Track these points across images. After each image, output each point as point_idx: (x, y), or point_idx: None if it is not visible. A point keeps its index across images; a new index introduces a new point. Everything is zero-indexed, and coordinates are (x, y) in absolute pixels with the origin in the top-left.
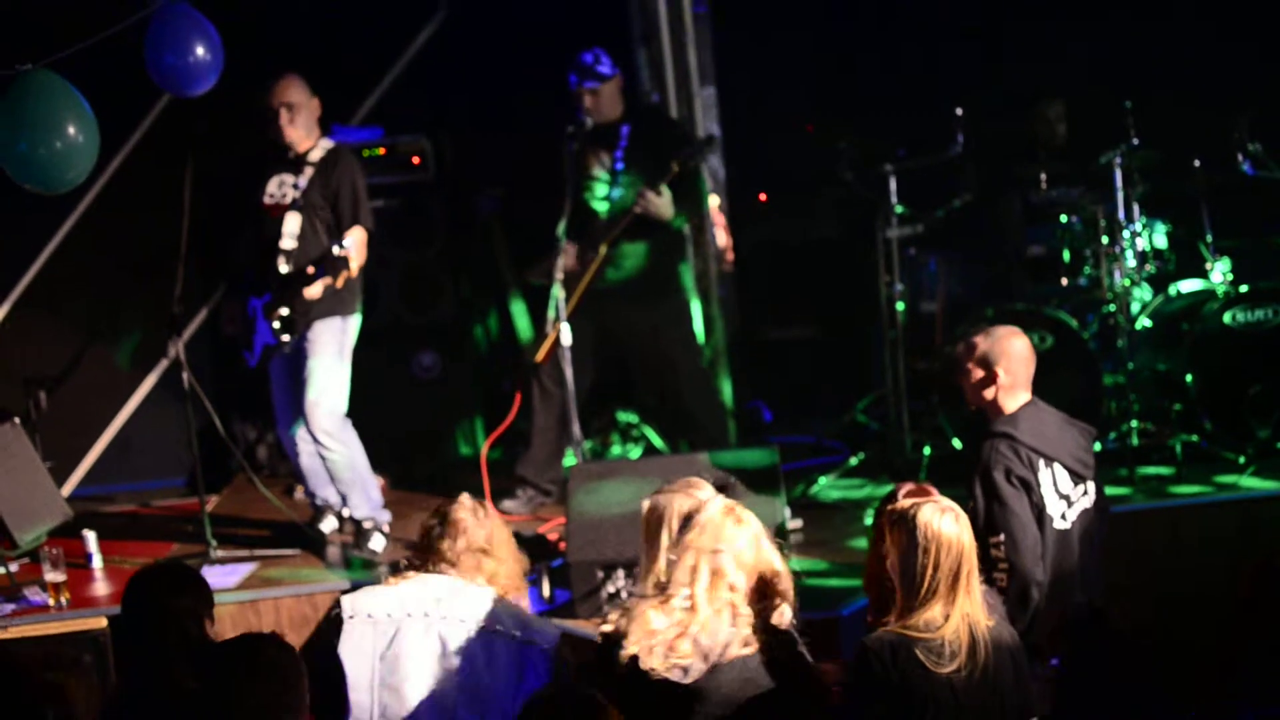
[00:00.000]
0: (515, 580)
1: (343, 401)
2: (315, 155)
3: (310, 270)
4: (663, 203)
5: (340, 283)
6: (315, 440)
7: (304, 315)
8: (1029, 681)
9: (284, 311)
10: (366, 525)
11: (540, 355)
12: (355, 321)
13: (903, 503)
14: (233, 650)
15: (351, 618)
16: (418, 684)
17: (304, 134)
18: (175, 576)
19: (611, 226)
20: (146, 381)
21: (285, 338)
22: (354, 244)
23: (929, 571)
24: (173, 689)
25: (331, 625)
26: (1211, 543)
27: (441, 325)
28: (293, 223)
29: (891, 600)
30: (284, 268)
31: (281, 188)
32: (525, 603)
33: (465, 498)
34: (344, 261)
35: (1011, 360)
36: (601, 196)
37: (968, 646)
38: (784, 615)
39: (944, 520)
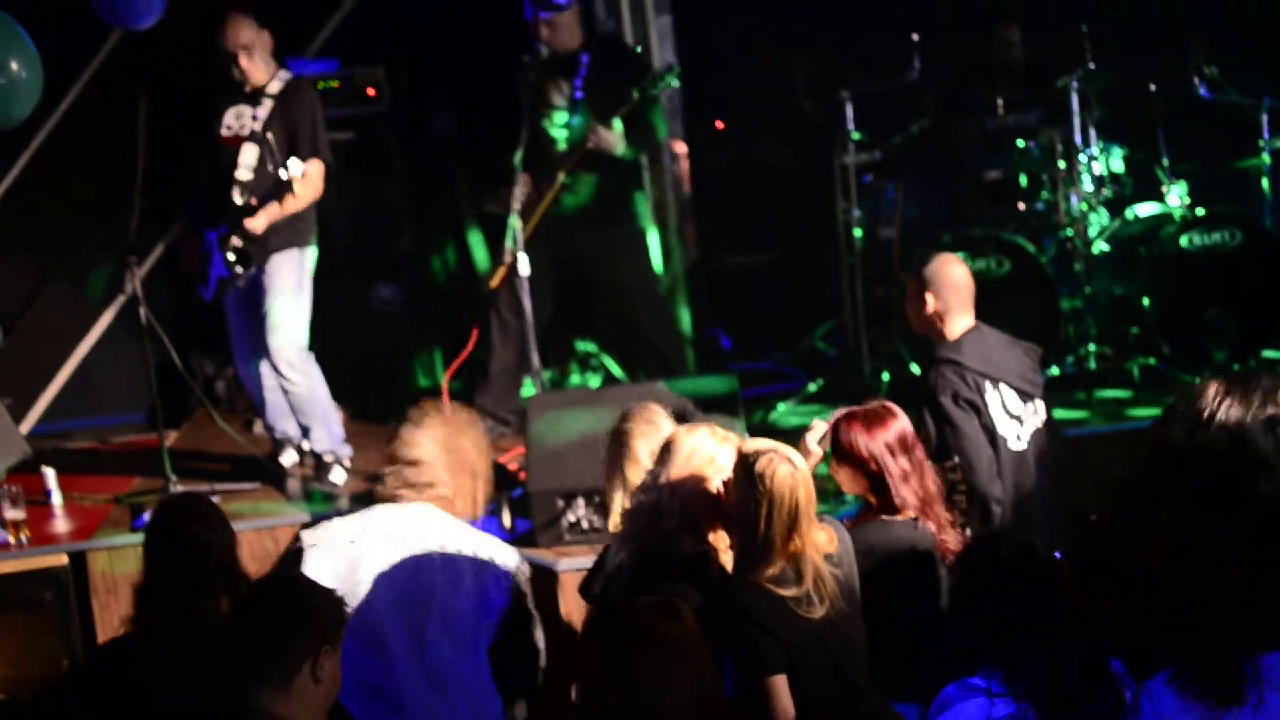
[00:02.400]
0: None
1: (304, 333)
2: (274, 87)
3: (254, 201)
4: (614, 137)
5: (287, 208)
6: (278, 373)
7: (259, 247)
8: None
9: (238, 243)
10: (327, 459)
11: (495, 281)
12: (312, 253)
13: (746, 445)
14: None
15: (313, 545)
16: (382, 608)
17: (263, 69)
18: (200, 509)
19: (569, 157)
20: (104, 318)
21: (239, 270)
22: (311, 175)
23: (763, 524)
24: (200, 618)
25: (291, 558)
26: None
27: (399, 257)
28: (249, 154)
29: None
30: (239, 199)
31: (239, 119)
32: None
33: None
34: (289, 185)
35: (946, 286)
36: (561, 125)
37: (830, 587)
38: None
39: (782, 470)
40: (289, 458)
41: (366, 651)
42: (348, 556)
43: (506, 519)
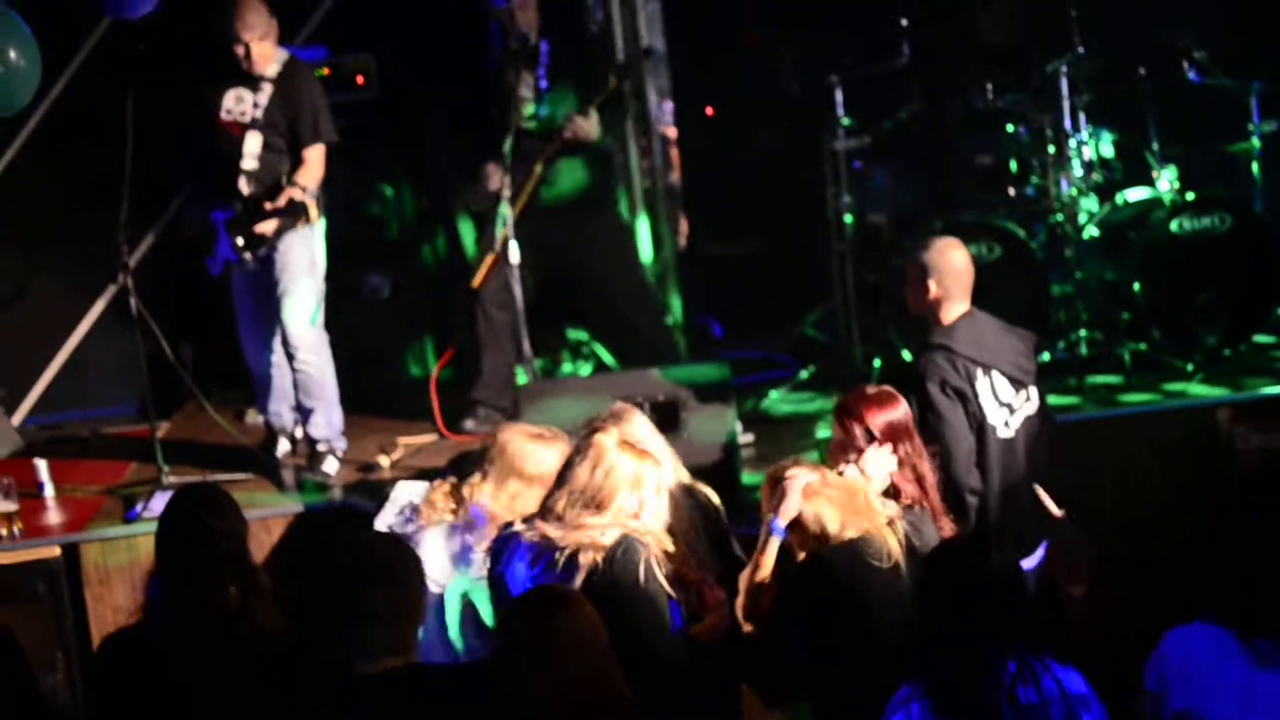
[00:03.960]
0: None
1: (319, 313)
2: (272, 70)
3: (269, 205)
4: (590, 125)
5: (300, 226)
6: (292, 355)
7: (266, 235)
8: None
9: (248, 230)
10: (321, 447)
11: (477, 281)
12: (321, 227)
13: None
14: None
15: (394, 501)
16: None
17: (270, 56)
18: (213, 498)
19: (545, 148)
20: (95, 308)
21: (248, 256)
22: (313, 160)
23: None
24: (214, 605)
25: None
26: (1160, 450)
27: (388, 245)
28: (253, 142)
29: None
30: (246, 188)
31: (240, 104)
32: None
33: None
34: (303, 207)
35: (948, 273)
36: (529, 116)
37: (895, 550)
38: None
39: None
40: (282, 447)
41: None
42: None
43: None
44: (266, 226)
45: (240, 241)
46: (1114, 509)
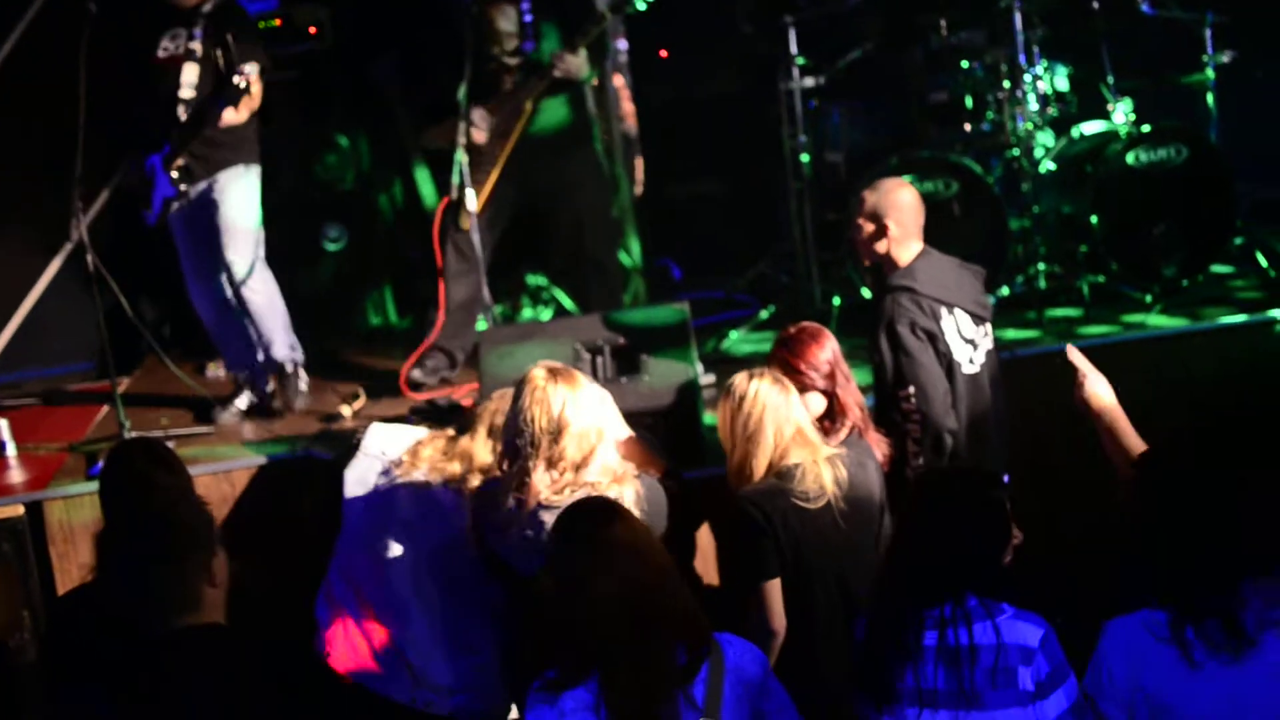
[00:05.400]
0: None
1: (260, 243)
2: (207, 7)
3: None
4: (580, 62)
5: (243, 113)
6: (237, 285)
7: (204, 162)
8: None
9: (182, 161)
10: (289, 368)
11: (466, 223)
12: (257, 170)
13: (735, 381)
14: None
15: (365, 450)
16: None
17: None
18: (154, 452)
19: (534, 84)
20: (52, 266)
21: (184, 187)
22: (252, 73)
23: (757, 433)
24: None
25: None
26: (1121, 381)
27: (345, 195)
28: (190, 73)
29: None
30: (184, 116)
31: (175, 40)
32: None
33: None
34: (242, 90)
35: (900, 211)
36: (511, 51)
37: (832, 486)
38: None
39: (762, 385)
40: (244, 400)
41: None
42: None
43: None
44: (226, 118)
45: (176, 174)
46: (1071, 443)
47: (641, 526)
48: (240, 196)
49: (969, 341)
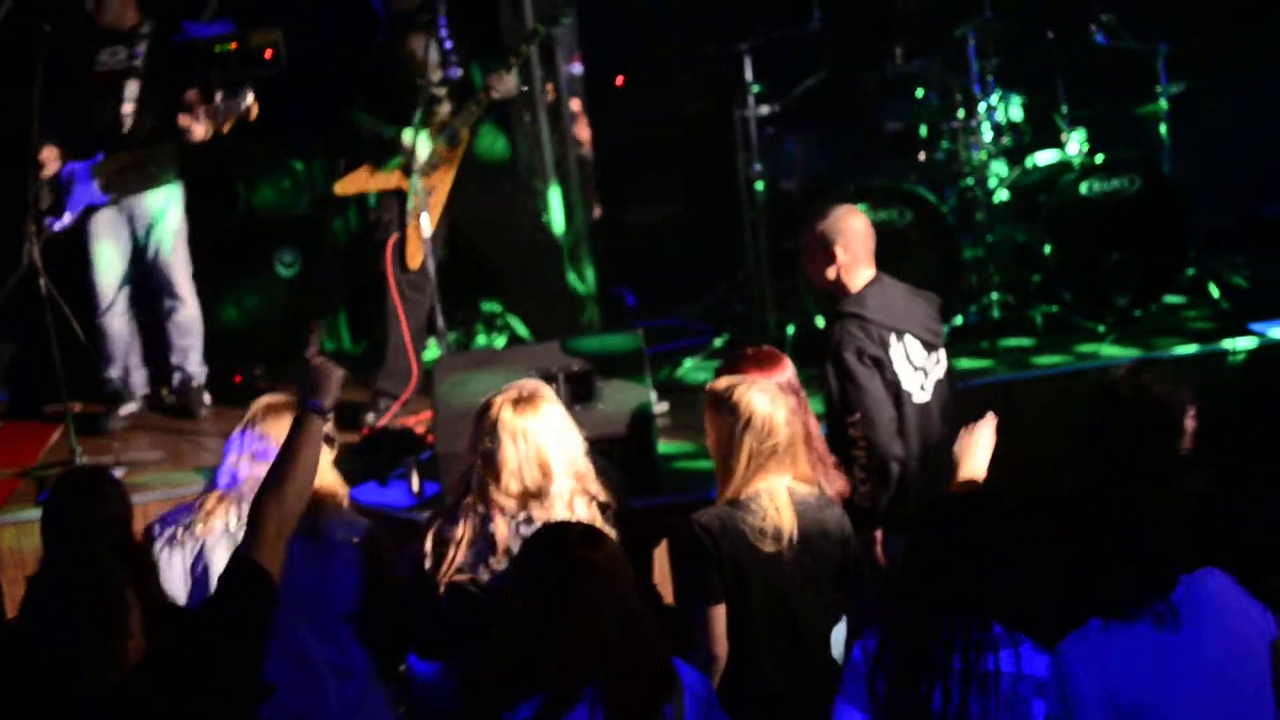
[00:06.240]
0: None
1: (189, 258)
2: (145, 28)
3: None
4: (513, 81)
5: (209, 132)
6: (171, 300)
7: (139, 174)
8: (857, 564)
9: (116, 168)
10: (196, 384)
11: (415, 262)
12: (180, 191)
13: (718, 382)
14: None
15: (155, 540)
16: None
17: (135, 10)
18: (98, 483)
19: (469, 111)
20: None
21: (115, 196)
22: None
23: (744, 449)
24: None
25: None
26: (1073, 410)
27: (299, 220)
28: (131, 88)
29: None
30: (126, 128)
31: (115, 56)
32: None
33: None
34: (247, 111)
35: (849, 238)
36: (438, 81)
37: (789, 528)
38: None
39: (758, 397)
40: (127, 408)
41: None
42: (193, 550)
43: (415, 483)
44: (198, 130)
45: (102, 181)
46: (1022, 469)
47: (619, 548)
48: (175, 211)
49: (919, 369)
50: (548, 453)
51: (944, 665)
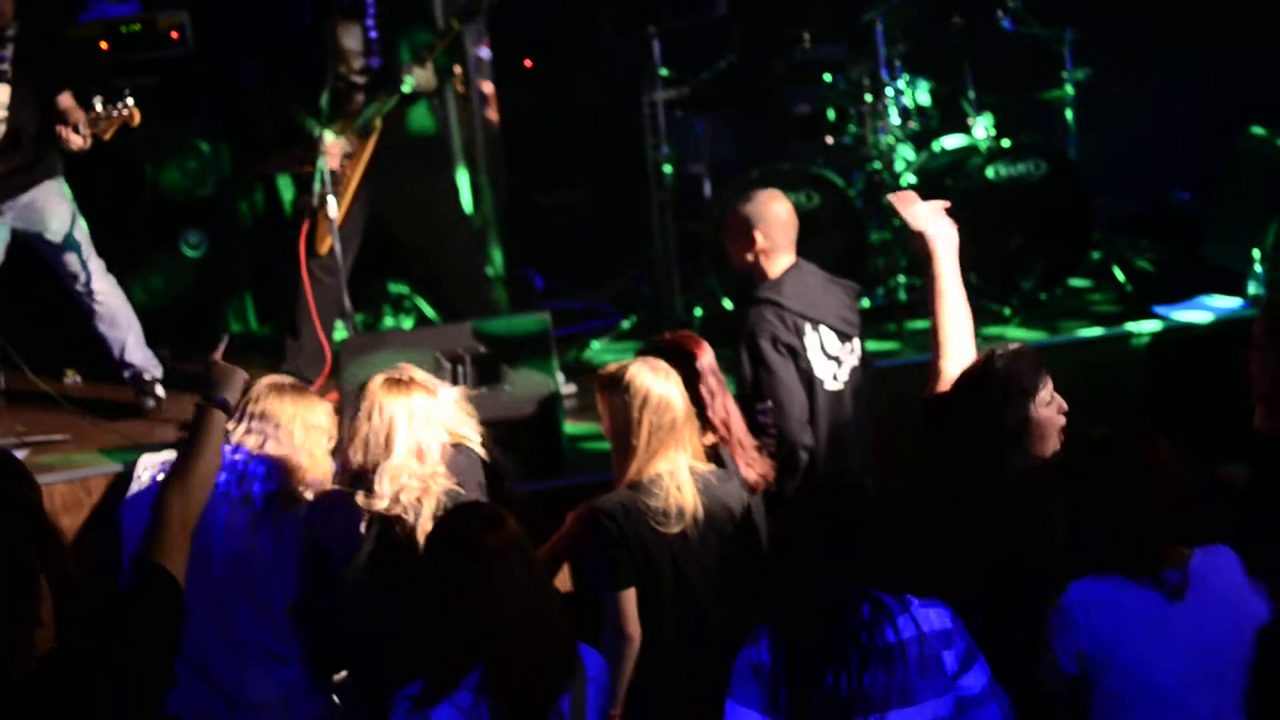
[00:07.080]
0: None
1: (93, 250)
2: (11, 31)
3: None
4: (429, 75)
5: (109, 133)
6: (87, 293)
7: (22, 176)
8: (758, 542)
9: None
10: (146, 376)
11: (324, 247)
12: (64, 184)
13: (606, 367)
14: None
15: (138, 479)
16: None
17: (10, 6)
18: (10, 463)
19: (379, 104)
20: None
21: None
22: (69, 102)
23: (644, 427)
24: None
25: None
26: None
27: (205, 201)
28: (2, 94)
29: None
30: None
31: None
32: None
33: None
34: (125, 116)
35: (771, 224)
36: (359, 69)
37: (691, 507)
38: None
39: (650, 375)
40: (150, 404)
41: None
42: None
43: None
44: (75, 141)
45: None
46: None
47: (522, 532)
48: (67, 207)
49: (833, 358)
50: (396, 431)
51: (839, 647)
